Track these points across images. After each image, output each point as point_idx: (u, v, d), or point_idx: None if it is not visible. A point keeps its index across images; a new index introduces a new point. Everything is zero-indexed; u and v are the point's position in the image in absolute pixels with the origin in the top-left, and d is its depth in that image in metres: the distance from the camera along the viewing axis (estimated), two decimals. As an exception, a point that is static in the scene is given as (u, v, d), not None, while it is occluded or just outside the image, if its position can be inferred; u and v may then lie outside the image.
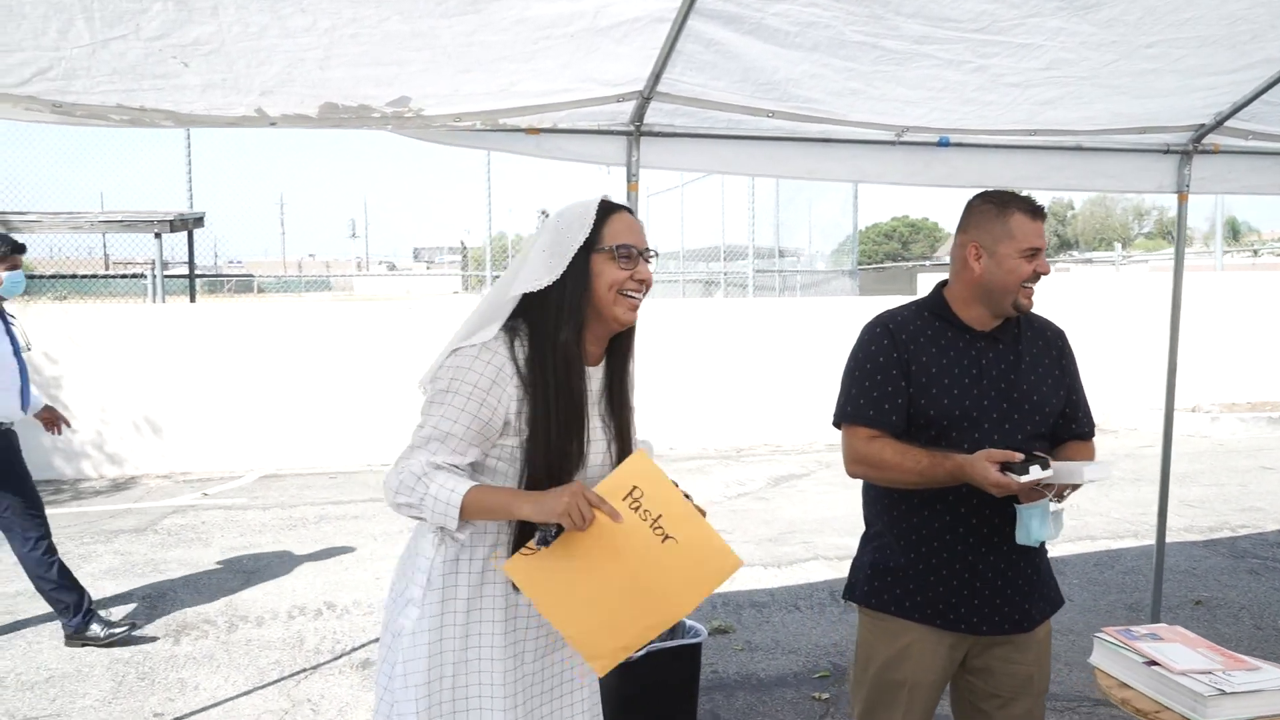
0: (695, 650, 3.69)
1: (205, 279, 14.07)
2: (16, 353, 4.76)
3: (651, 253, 1.96)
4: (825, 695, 4.12)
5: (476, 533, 1.92)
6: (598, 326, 1.94)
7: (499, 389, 1.85)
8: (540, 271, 1.88)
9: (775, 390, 10.35)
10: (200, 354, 9.08)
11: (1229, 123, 3.80)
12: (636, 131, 3.39)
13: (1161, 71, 3.27)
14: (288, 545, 6.56)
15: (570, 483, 1.83)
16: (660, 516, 1.79)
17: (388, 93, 2.87)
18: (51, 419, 4.94)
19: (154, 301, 10.76)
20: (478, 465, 1.92)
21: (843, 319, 10.52)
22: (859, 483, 2.47)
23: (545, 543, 1.83)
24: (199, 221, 10.96)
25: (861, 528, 2.55)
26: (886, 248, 42.08)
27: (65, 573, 4.70)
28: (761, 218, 13.97)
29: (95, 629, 4.70)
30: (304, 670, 4.45)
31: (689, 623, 3.78)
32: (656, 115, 3.38)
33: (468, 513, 1.79)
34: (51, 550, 4.67)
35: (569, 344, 1.88)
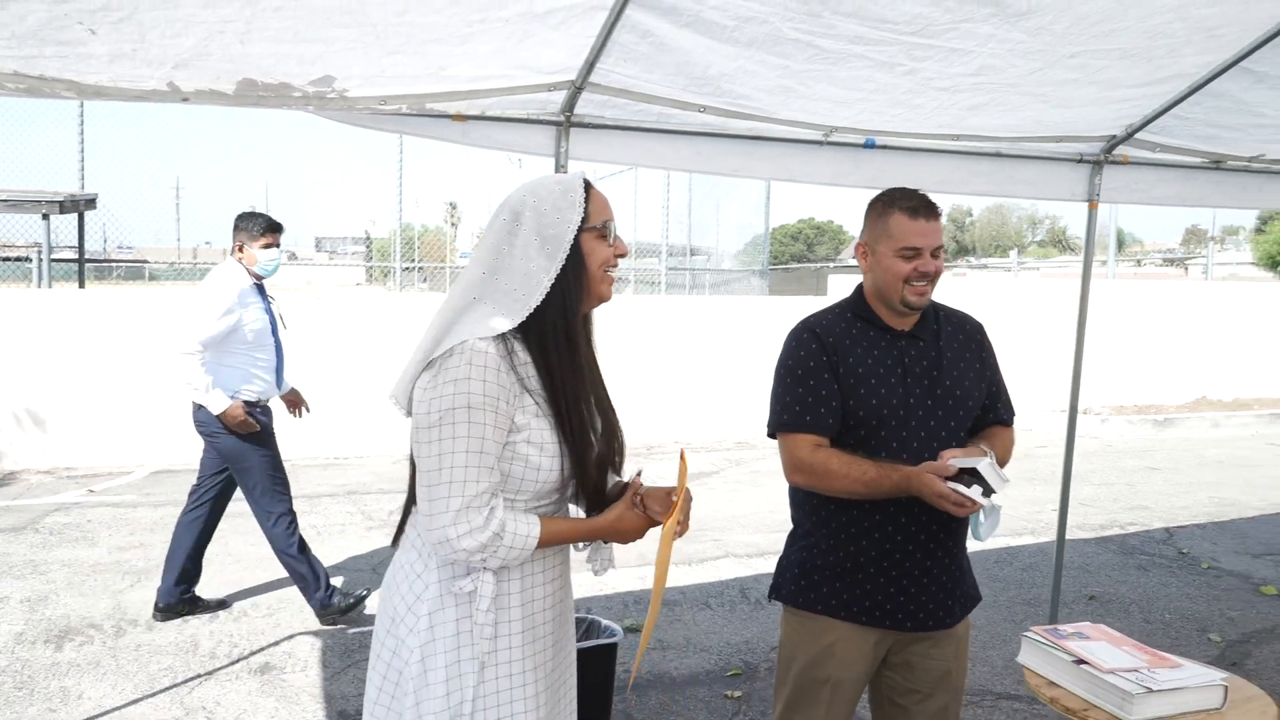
0: (611, 650, 3.64)
1: (94, 265, 13.40)
2: (274, 331, 4.88)
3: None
4: (737, 693, 4.12)
5: None
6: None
7: (504, 390, 1.75)
8: (543, 261, 1.79)
9: (686, 387, 10.38)
10: (88, 343, 8.62)
11: (1139, 135, 3.93)
12: (566, 122, 3.32)
13: (1081, 82, 3.35)
14: (182, 543, 6.26)
15: (631, 520, 1.90)
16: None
17: (311, 71, 2.73)
18: (295, 401, 5.17)
19: (39, 286, 10.20)
20: None
21: (754, 318, 10.63)
22: (769, 481, 2.47)
23: None
24: (91, 203, 10.41)
25: (771, 525, 2.56)
26: (792, 249, 42.78)
27: (305, 548, 4.85)
28: (673, 215, 14.02)
29: (337, 600, 4.86)
30: (198, 676, 4.25)
31: (604, 622, 3.74)
32: (587, 106, 3.32)
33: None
34: (294, 526, 4.84)
35: (576, 334, 1.85)
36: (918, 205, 2.32)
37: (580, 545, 1.98)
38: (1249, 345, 13.34)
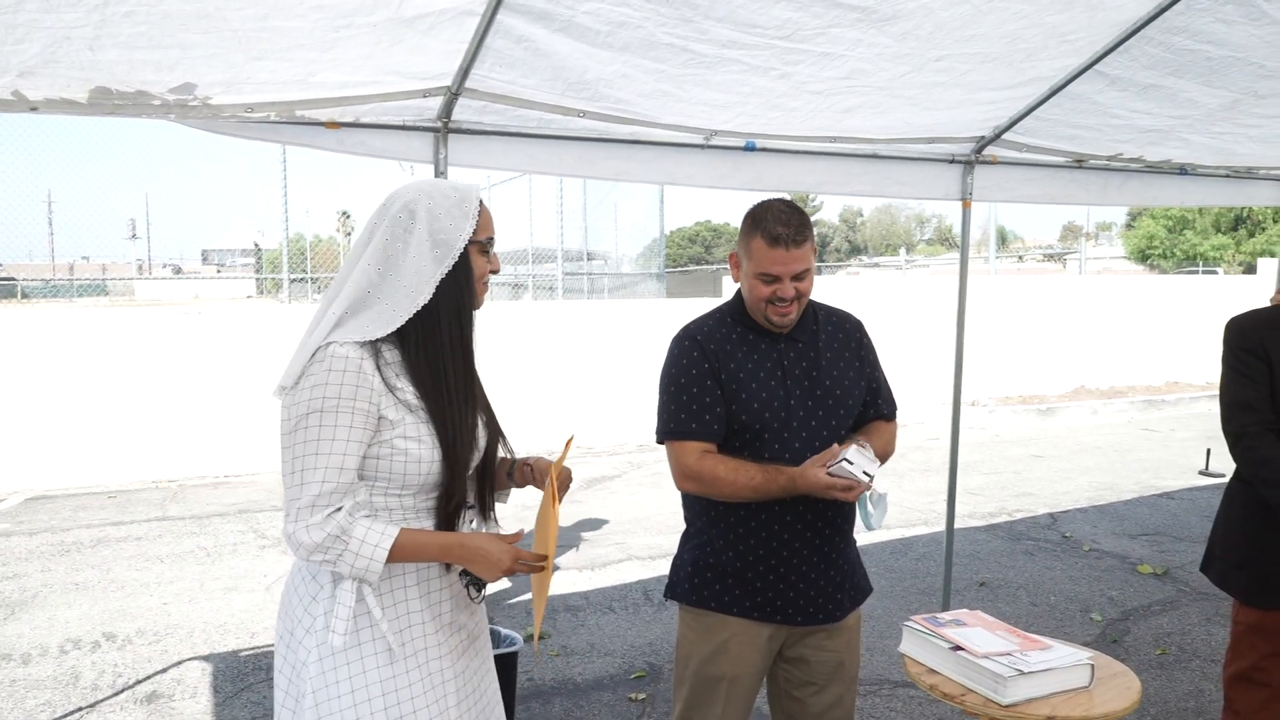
0: (511, 660, 3.61)
1: (-42, 283, 12.69)
2: None
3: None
4: (642, 695, 4.13)
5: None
6: None
7: (364, 389, 1.74)
8: (431, 266, 1.81)
9: (586, 392, 10.37)
10: (-48, 365, 8.18)
11: (1005, 136, 4.08)
12: (444, 128, 3.28)
13: (948, 85, 3.46)
14: (59, 573, 5.98)
15: (502, 545, 1.83)
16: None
17: (170, 78, 2.63)
18: None
19: (-105, 307, 9.61)
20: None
21: (651, 321, 10.68)
22: (670, 483, 2.48)
23: (479, 586, 1.92)
24: (-51, 218, 9.87)
25: (672, 526, 2.57)
26: (690, 251, 43.21)
27: None
28: (569, 220, 13.98)
29: None
30: (79, 709, 4.06)
31: (504, 631, 3.71)
32: (465, 112, 3.28)
33: (390, 560, 1.74)
34: None
35: (471, 337, 1.88)
36: (779, 234, 2.26)
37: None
38: (1123, 336, 13.99)
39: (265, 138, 3.15)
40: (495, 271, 1.94)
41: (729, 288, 14.41)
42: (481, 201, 1.90)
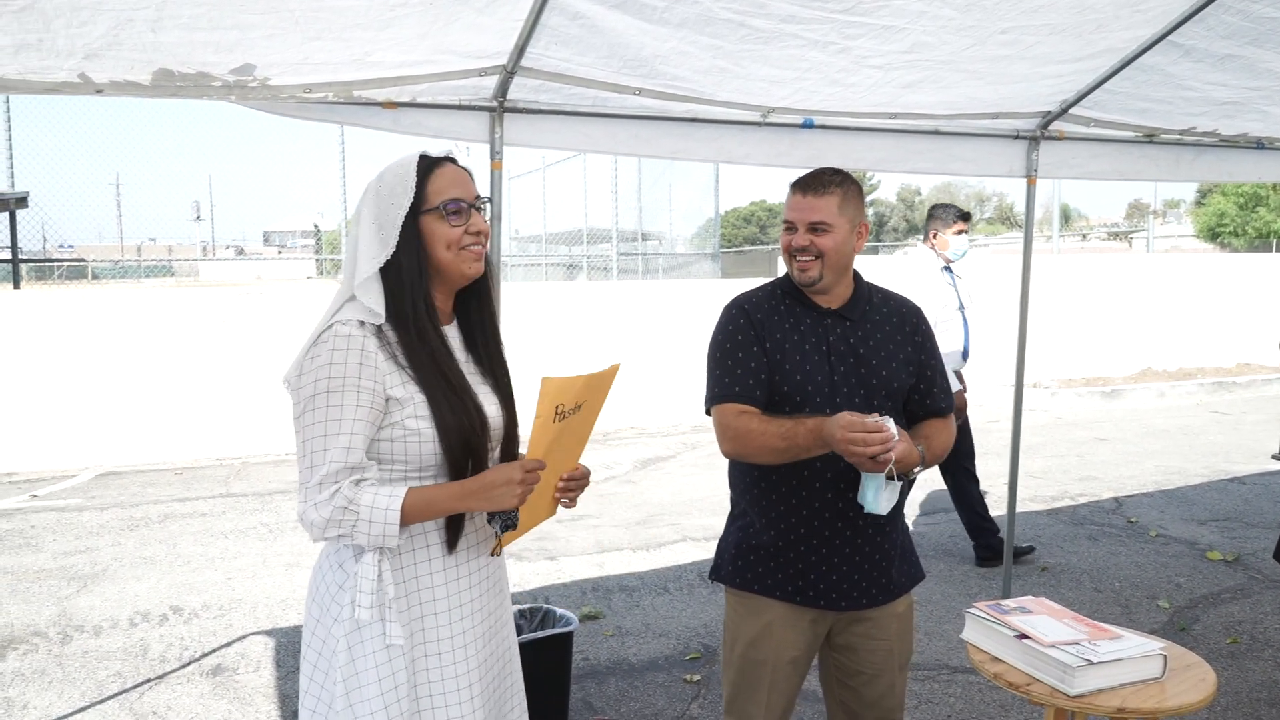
0: (566, 640, 3.62)
1: (32, 264, 13.05)
2: (961, 308, 5.48)
3: (484, 200, 1.89)
4: (696, 677, 4.13)
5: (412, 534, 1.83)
6: (444, 286, 1.88)
7: (369, 368, 1.73)
8: (376, 247, 1.78)
9: (640, 373, 10.35)
10: (27, 345, 8.42)
11: (1073, 110, 3.96)
12: (500, 107, 3.27)
13: (1014, 58, 3.36)
14: (129, 547, 6.15)
15: (506, 465, 1.78)
16: (581, 405, 1.90)
17: (230, 60, 2.66)
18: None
19: (-28, 288, 9.92)
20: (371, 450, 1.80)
21: (706, 301, 10.59)
22: (725, 463, 2.46)
23: (511, 525, 1.84)
24: (22, 201, 10.14)
25: (727, 508, 2.56)
26: (745, 231, 42.93)
27: (985, 508, 5.60)
28: (624, 200, 13.96)
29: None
30: (148, 681, 4.17)
31: (560, 611, 3.72)
32: (520, 91, 3.27)
33: (406, 521, 1.71)
34: (977, 486, 5.59)
35: (420, 316, 1.81)
36: (807, 180, 2.35)
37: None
38: (1191, 316, 13.59)
39: (323, 118, 3.16)
40: (479, 231, 1.85)
41: (783, 269, 14.27)
42: (440, 162, 1.83)
